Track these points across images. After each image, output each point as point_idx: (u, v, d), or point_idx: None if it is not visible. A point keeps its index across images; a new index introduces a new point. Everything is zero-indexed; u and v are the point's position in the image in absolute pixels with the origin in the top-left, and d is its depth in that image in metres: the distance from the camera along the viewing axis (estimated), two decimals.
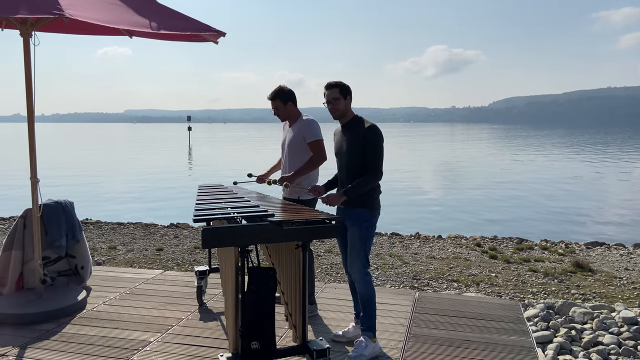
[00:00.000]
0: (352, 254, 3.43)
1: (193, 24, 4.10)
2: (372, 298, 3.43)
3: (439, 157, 34.39)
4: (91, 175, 22.92)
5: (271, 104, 4.09)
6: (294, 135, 4.06)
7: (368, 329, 3.42)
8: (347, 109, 3.52)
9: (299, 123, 4.08)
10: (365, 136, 3.36)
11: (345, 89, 3.48)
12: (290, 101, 4.07)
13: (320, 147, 4.00)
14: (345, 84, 3.50)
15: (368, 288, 3.42)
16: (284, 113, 4.10)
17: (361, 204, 3.40)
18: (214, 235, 2.66)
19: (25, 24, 4.03)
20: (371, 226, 3.44)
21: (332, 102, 3.47)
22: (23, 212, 4.69)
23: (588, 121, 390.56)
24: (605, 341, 4.06)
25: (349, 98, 3.50)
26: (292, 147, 4.08)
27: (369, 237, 3.44)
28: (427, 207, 14.44)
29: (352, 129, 3.46)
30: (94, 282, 5.07)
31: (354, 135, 3.42)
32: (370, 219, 3.43)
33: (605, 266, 6.77)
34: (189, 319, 4.15)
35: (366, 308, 3.43)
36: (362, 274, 3.41)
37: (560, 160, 30.59)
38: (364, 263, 3.42)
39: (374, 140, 3.35)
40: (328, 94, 3.48)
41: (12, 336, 3.76)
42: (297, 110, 4.12)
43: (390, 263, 6.78)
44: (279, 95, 4.04)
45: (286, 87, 4.08)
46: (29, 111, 4.15)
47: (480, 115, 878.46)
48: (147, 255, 7.15)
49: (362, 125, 3.43)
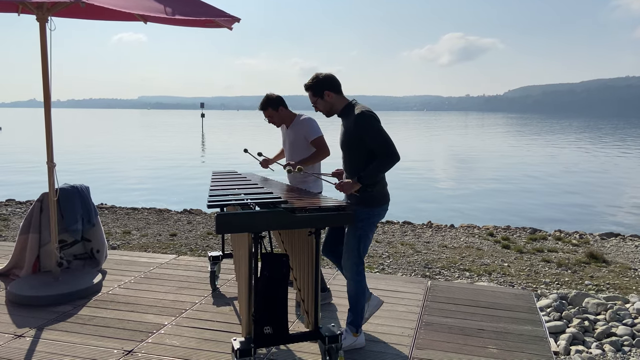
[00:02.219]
0: (346, 252, 3.29)
1: (207, 10, 4.09)
2: (360, 297, 3.33)
3: (453, 146, 34.15)
4: (106, 160, 23.15)
5: (264, 114, 4.14)
6: (295, 136, 4.10)
7: (352, 323, 3.35)
8: (332, 103, 3.29)
9: (296, 124, 4.10)
10: (357, 125, 3.12)
11: (317, 87, 3.25)
12: (281, 105, 4.10)
13: (323, 143, 4.04)
14: (317, 81, 3.25)
15: (357, 287, 3.31)
16: (278, 119, 4.14)
17: (358, 202, 3.21)
18: (228, 221, 2.67)
19: (42, 9, 4.05)
20: (369, 225, 3.24)
21: (313, 106, 3.35)
22: (40, 196, 4.76)
23: (605, 110, 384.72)
24: (618, 332, 4.04)
25: (328, 92, 3.25)
26: (295, 148, 4.12)
27: (364, 236, 3.24)
28: (439, 196, 14.38)
29: (346, 118, 3.28)
30: (109, 266, 5.14)
31: (348, 124, 3.24)
32: (368, 218, 3.21)
33: (619, 257, 6.70)
34: (202, 303, 4.19)
35: (353, 305, 3.35)
36: (354, 272, 3.29)
37: (577, 150, 30.21)
38: (356, 262, 3.27)
39: (368, 126, 3.09)
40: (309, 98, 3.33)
41: (30, 317, 3.84)
42: (290, 112, 4.14)
43: (402, 251, 6.78)
44: (269, 104, 4.09)
45: (272, 94, 4.12)
46: (46, 96, 4.19)
47: (495, 104, 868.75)
48: (160, 240, 7.22)
49: (352, 112, 3.20)
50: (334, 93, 3.28)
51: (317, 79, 3.27)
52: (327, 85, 3.26)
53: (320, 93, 3.28)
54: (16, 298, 4.13)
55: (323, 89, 3.27)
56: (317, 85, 3.27)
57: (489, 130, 61.23)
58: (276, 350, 3.36)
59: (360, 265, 3.29)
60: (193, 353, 3.30)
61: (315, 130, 4.02)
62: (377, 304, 3.59)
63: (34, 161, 21.66)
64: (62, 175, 4.55)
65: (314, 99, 3.31)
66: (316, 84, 3.27)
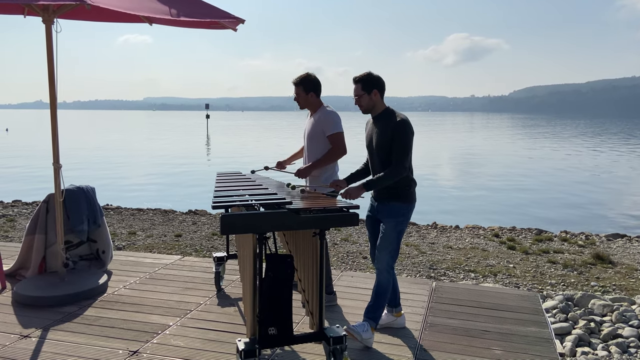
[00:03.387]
0: (383, 245, 3.37)
1: (212, 11, 4.10)
2: (387, 292, 3.39)
3: (458, 147, 34.06)
4: (111, 161, 23.24)
5: (294, 88, 4.04)
6: (313, 126, 4.02)
7: (372, 318, 3.39)
8: (374, 102, 3.39)
9: (319, 114, 4.01)
10: (394, 130, 3.26)
11: (368, 84, 3.35)
12: (313, 91, 4.00)
13: (340, 139, 3.92)
14: (370, 78, 3.36)
15: (387, 280, 3.38)
16: (303, 101, 4.04)
17: (397, 198, 3.36)
18: (233, 222, 2.68)
19: (48, 11, 4.08)
20: (406, 220, 3.40)
21: (356, 99, 3.41)
22: (46, 197, 4.79)
23: (612, 111, 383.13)
24: (624, 334, 4.01)
25: (376, 91, 3.36)
26: (311, 138, 4.04)
27: (402, 232, 3.39)
28: (445, 197, 14.35)
29: (383, 122, 3.36)
30: (114, 267, 5.16)
31: (384, 128, 3.33)
32: (406, 213, 3.38)
33: (626, 258, 6.67)
34: (207, 304, 4.20)
35: (378, 299, 3.39)
36: (388, 266, 3.37)
37: (583, 151, 30.08)
38: (392, 256, 3.38)
39: (402, 135, 3.25)
40: (353, 90, 3.40)
41: (36, 318, 3.86)
42: (319, 101, 4.05)
43: (407, 252, 6.77)
44: (303, 82, 3.99)
45: (314, 76, 4.01)
46: (52, 98, 4.21)
47: (500, 104, 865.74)
48: (166, 241, 7.24)
49: (393, 118, 3.31)
50: (380, 95, 3.40)
51: (370, 75, 3.37)
52: (377, 84, 3.37)
53: (369, 89, 3.37)
54: (22, 298, 4.15)
55: (373, 87, 3.37)
56: (369, 81, 3.36)
57: (495, 130, 61.07)
58: (281, 351, 3.36)
59: (394, 260, 3.40)
60: (198, 354, 3.30)
61: (335, 125, 3.92)
62: (402, 324, 3.74)
63: (40, 162, 21.77)
64: (68, 176, 4.57)
65: (361, 92, 3.38)
66: (368, 80, 3.36)
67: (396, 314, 3.72)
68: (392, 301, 3.70)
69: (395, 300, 3.71)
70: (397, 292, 3.69)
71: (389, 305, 3.71)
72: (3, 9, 4.51)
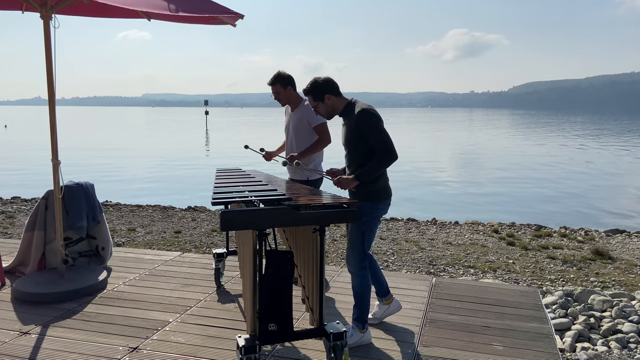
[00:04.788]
0: (350, 247, 3.32)
1: (211, 6, 4.09)
2: (365, 293, 3.35)
3: (457, 143, 34.05)
4: (111, 158, 23.21)
5: (271, 88, 4.19)
6: (298, 119, 4.17)
7: (357, 319, 3.37)
8: (332, 105, 3.31)
9: (301, 108, 4.18)
10: (358, 123, 3.17)
11: (318, 92, 3.27)
12: (290, 85, 4.17)
13: (325, 130, 4.10)
14: (316, 85, 3.27)
15: (362, 283, 3.33)
16: (284, 97, 4.21)
17: (362, 197, 3.24)
18: (232, 218, 2.67)
19: (46, 6, 4.05)
20: (372, 219, 3.28)
21: (314, 110, 3.39)
22: (45, 193, 4.78)
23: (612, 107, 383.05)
24: (624, 329, 4.02)
25: (328, 95, 3.28)
26: (298, 131, 4.18)
27: (367, 232, 3.28)
28: (444, 193, 14.35)
29: (347, 117, 3.31)
30: (114, 263, 5.15)
31: (348, 122, 3.28)
32: (371, 212, 3.25)
33: (625, 254, 6.67)
34: (207, 300, 4.20)
35: (358, 301, 3.36)
36: (358, 268, 3.32)
37: (581, 146, 30.08)
38: (361, 258, 3.30)
39: (368, 124, 3.14)
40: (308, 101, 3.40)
41: (35, 314, 3.86)
42: (298, 95, 4.21)
43: (406, 248, 6.77)
44: (278, 80, 4.15)
45: (285, 72, 4.17)
46: (50, 94, 4.19)
47: (500, 100, 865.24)
48: (165, 238, 7.24)
49: (352, 112, 3.23)
50: (334, 96, 3.32)
51: (316, 83, 3.30)
52: (326, 88, 3.29)
53: (321, 97, 3.31)
54: (22, 295, 4.15)
55: (323, 93, 3.30)
56: (317, 90, 3.29)
57: (494, 126, 61.05)
58: (281, 347, 3.36)
59: (364, 260, 3.32)
60: (198, 350, 3.30)
61: (319, 116, 3.99)
62: (397, 307, 3.74)
63: (39, 159, 21.74)
64: (67, 172, 4.56)
65: (315, 103, 3.35)
66: (316, 89, 3.29)
67: (387, 302, 3.70)
68: (380, 292, 3.68)
69: (382, 290, 3.67)
70: (382, 282, 3.65)
71: (378, 296, 3.71)
72: (1, 5, 4.49)
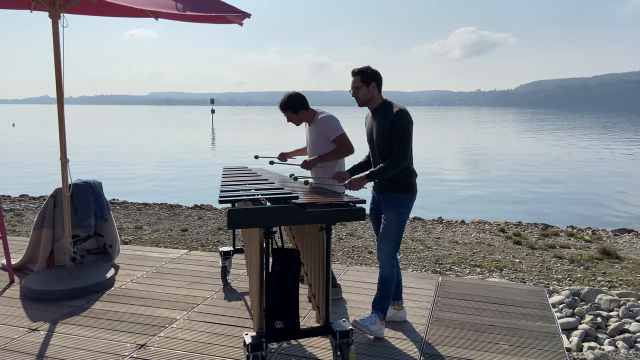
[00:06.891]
0: (384, 236, 3.39)
1: (218, 5, 4.10)
2: (391, 282, 3.42)
3: (463, 141, 33.94)
4: (118, 156, 23.32)
5: (284, 114, 4.02)
6: (316, 135, 4.00)
7: (380, 309, 3.44)
8: (372, 95, 3.42)
9: (316, 123, 4.00)
10: (393, 121, 3.29)
11: (367, 76, 3.38)
12: (301, 109, 3.97)
13: (345, 140, 3.93)
14: (368, 71, 3.39)
15: (391, 271, 3.41)
16: (297, 120, 4.04)
17: (397, 189, 3.38)
18: (239, 217, 2.68)
19: (54, 6, 4.08)
20: (407, 211, 3.42)
21: (354, 90, 3.43)
22: (53, 191, 4.81)
23: (619, 105, 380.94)
24: (631, 329, 4.00)
25: (374, 84, 3.39)
26: (317, 147, 4.02)
27: (403, 222, 3.41)
28: (450, 192, 14.31)
29: (381, 115, 3.39)
30: (121, 261, 5.18)
31: (382, 120, 3.36)
32: (407, 204, 3.40)
33: (632, 253, 6.63)
34: (214, 298, 4.22)
35: (383, 289, 3.43)
36: (391, 257, 3.40)
37: (588, 145, 29.90)
38: (394, 247, 3.40)
39: (400, 125, 3.27)
40: (351, 82, 3.43)
41: (44, 311, 3.89)
42: (311, 111, 4.02)
43: (412, 247, 6.77)
44: (289, 107, 3.96)
45: (294, 94, 3.96)
46: (59, 93, 4.22)
47: (506, 99, 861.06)
48: (172, 236, 7.27)
49: (390, 110, 3.34)
50: (378, 88, 3.43)
51: (369, 68, 3.41)
52: (375, 78, 3.41)
53: (368, 82, 3.40)
54: (30, 292, 4.18)
55: (371, 80, 3.40)
56: (368, 74, 3.40)
57: (500, 125, 60.80)
58: (287, 344, 3.37)
59: (396, 249, 3.42)
60: (205, 347, 3.32)
61: (335, 128, 3.93)
62: (402, 317, 3.77)
63: (47, 157, 21.88)
64: (75, 171, 4.59)
65: (360, 84, 3.40)
66: (367, 72, 3.40)
67: (397, 307, 3.73)
68: (394, 294, 3.71)
69: (397, 293, 3.72)
70: (399, 285, 3.71)
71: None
72: (10, 4, 4.52)
